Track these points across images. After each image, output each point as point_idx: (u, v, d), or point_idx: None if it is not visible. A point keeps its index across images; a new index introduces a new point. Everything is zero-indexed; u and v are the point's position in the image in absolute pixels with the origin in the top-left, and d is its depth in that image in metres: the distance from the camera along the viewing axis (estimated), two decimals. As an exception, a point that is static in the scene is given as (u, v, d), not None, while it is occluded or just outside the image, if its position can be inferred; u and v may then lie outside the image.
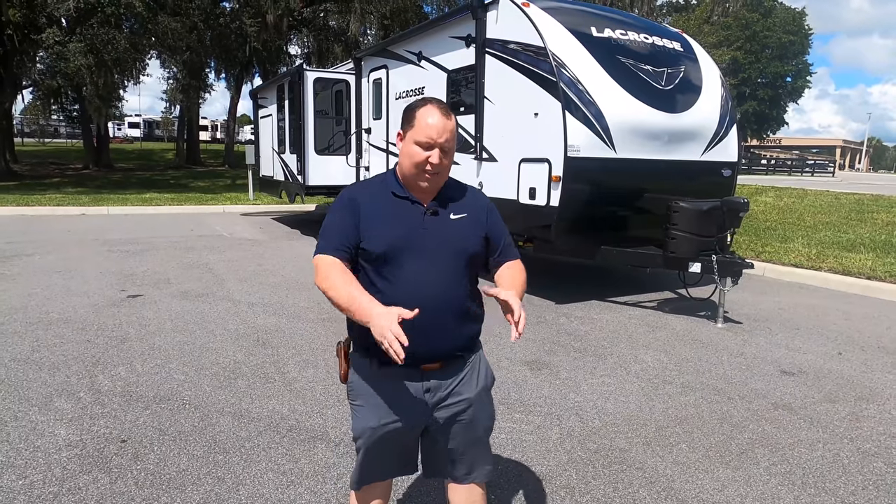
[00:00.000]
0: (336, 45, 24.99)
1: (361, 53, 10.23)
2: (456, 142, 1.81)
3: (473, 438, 1.92)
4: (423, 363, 1.78)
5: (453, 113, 1.82)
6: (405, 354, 1.52)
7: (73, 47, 15.84)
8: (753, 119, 50.96)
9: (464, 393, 1.86)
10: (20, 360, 4.25)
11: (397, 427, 1.82)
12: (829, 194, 16.23)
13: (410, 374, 1.79)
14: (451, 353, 1.83)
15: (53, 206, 13.75)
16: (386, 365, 1.72)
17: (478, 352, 1.96)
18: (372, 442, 1.84)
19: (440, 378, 1.82)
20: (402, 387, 1.80)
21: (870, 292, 6.99)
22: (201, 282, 6.87)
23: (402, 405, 1.81)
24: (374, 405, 1.82)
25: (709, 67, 7.02)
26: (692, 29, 27.38)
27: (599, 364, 4.46)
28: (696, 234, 5.62)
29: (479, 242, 1.84)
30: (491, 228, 1.88)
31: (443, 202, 1.82)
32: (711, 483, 2.86)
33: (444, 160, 1.74)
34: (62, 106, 33.26)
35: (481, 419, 1.92)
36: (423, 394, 1.81)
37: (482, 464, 1.97)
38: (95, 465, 2.89)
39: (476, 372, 1.92)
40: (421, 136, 1.71)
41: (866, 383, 4.21)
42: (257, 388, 3.85)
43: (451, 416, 1.85)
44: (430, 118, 1.71)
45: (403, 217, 1.77)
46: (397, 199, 1.79)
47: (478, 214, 1.86)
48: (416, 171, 1.75)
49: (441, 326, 1.76)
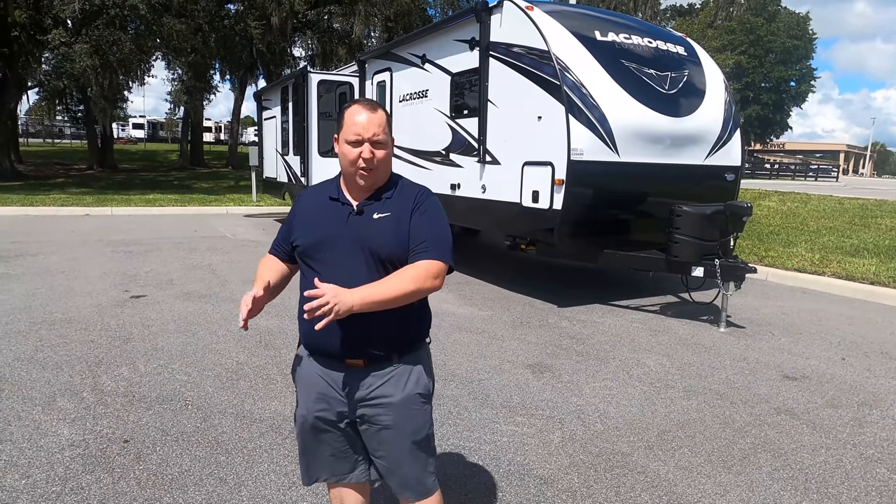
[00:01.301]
0: (340, 48, 25.06)
1: (365, 56, 10.25)
2: (389, 135, 1.81)
3: (400, 449, 1.85)
4: (346, 358, 1.81)
5: (457, 116, 1.84)
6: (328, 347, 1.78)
7: (78, 48, 15.91)
8: (757, 123, 50.91)
9: (387, 395, 1.82)
10: (24, 360, 4.26)
11: (322, 416, 1.86)
12: (832, 199, 16.20)
13: (334, 367, 1.84)
14: (369, 352, 1.81)
15: (57, 206, 13.80)
16: (314, 354, 1.87)
17: (411, 356, 1.88)
18: (303, 429, 1.91)
19: (361, 376, 1.82)
20: (326, 377, 1.85)
21: (873, 297, 6.97)
22: (204, 283, 6.88)
23: (325, 395, 1.86)
24: (305, 393, 1.90)
25: (712, 72, 7.02)
26: (696, 33, 27.38)
27: (602, 367, 4.46)
28: (699, 239, 5.62)
29: (399, 242, 1.77)
30: (413, 227, 1.79)
31: (374, 200, 1.82)
32: (714, 488, 2.86)
33: (375, 153, 1.75)
34: (67, 107, 33.42)
35: (408, 428, 1.84)
36: (342, 387, 1.84)
37: (413, 482, 1.88)
38: (98, 464, 2.90)
39: (405, 376, 1.85)
40: (350, 134, 1.75)
41: (869, 389, 4.20)
42: (260, 389, 3.85)
43: (373, 416, 1.84)
44: (356, 116, 1.75)
45: (329, 218, 1.82)
46: (330, 202, 1.85)
47: (402, 213, 1.80)
48: (352, 170, 1.78)
49: (360, 325, 1.72)
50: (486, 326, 5.45)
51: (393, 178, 1.87)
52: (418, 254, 1.76)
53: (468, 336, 5.10)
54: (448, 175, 7.47)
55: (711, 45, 27.77)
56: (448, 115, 7.44)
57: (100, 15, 15.99)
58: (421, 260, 1.75)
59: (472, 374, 4.20)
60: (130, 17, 16.53)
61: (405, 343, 1.86)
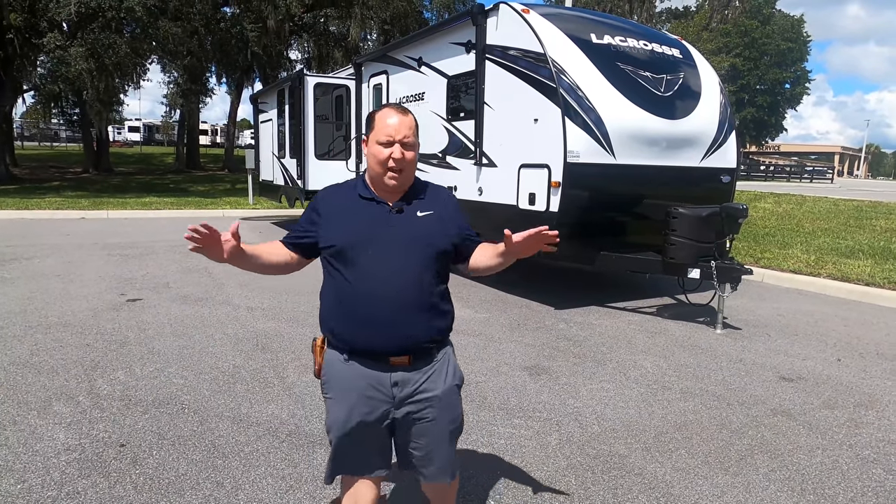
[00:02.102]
0: (336, 51, 25.09)
1: (362, 59, 10.27)
2: (417, 138, 1.89)
3: (440, 438, 1.93)
4: (391, 356, 1.84)
5: (454, 118, 1.91)
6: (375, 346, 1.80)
7: (74, 51, 15.89)
8: (752, 125, 51.12)
9: (431, 389, 1.89)
10: (19, 364, 4.24)
11: (366, 419, 1.86)
12: (827, 201, 16.27)
13: (379, 367, 1.85)
14: (418, 347, 1.86)
15: (53, 209, 13.75)
16: (355, 356, 1.85)
17: (446, 348, 1.98)
18: (342, 434, 1.88)
19: (408, 372, 1.87)
20: (371, 379, 1.85)
21: (868, 299, 7.00)
22: (201, 286, 6.87)
23: (370, 397, 1.85)
24: (344, 397, 1.87)
25: (708, 74, 7.05)
26: (691, 36, 27.49)
27: (599, 370, 4.47)
28: (696, 240, 5.64)
29: (447, 238, 1.90)
30: (459, 222, 1.96)
31: (408, 201, 1.90)
32: (710, 489, 2.86)
33: (405, 154, 1.83)
34: (62, 110, 33.33)
35: (448, 418, 1.94)
36: (390, 387, 1.86)
37: (442, 463, 1.97)
38: (94, 469, 2.88)
39: (444, 369, 1.94)
40: (381, 135, 1.82)
41: (865, 389, 4.21)
42: (256, 393, 3.84)
43: (418, 412, 1.89)
44: (388, 119, 1.83)
45: (366, 215, 1.86)
46: (362, 200, 1.89)
47: (442, 210, 1.93)
48: (381, 170, 1.84)
49: (409, 320, 1.82)
50: (483, 329, 5.45)
51: (417, 180, 1.96)
52: (473, 241, 1.97)
53: (465, 339, 5.10)
54: (445, 177, 7.48)
55: (707, 47, 27.90)
56: (445, 118, 7.45)
57: (95, 18, 15.98)
58: (478, 244, 1.97)
59: (469, 377, 4.20)
60: (126, 20, 16.52)
61: (443, 336, 1.94)
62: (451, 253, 1.92)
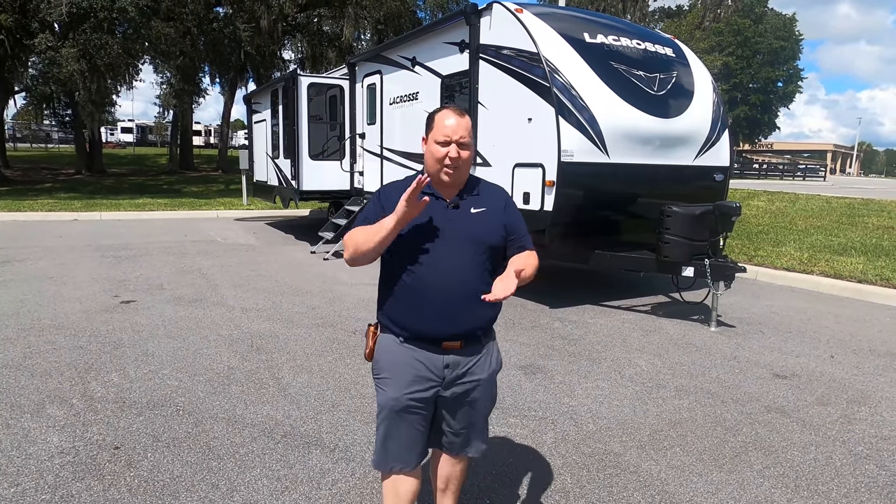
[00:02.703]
0: (330, 51, 25.01)
1: (355, 59, 10.25)
2: (473, 138, 2.01)
3: (475, 417, 2.11)
4: (444, 341, 1.98)
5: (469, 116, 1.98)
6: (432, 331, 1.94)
7: (65, 52, 15.78)
8: (745, 124, 51.33)
9: (477, 373, 2.05)
10: (12, 367, 4.22)
11: (418, 397, 1.99)
12: (820, 198, 16.36)
13: (433, 350, 2.00)
14: (471, 334, 2.02)
15: (46, 211, 13.67)
16: (412, 340, 1.99)
17: (492, 336, 2.14)
18: (394, 412, 2.00)
19: (459, 356, 2.02)
20: (425, 360, 1.99)
21: (861, 296, 7.05)
22: (195, 287, 6.85)
23: (424, 377, 1.99)
24: (398, 376, 2.00)
25: (700, 73, 7.08)
26: (684, 35, 27.57)
27: (594, 368, 4.48)
28: (689, 239, 5.66)
29: (499, 234, 2.02)
30: (509, 220, 2.06)
31: (465, 197, 2.03)
32: (705, 486, 2.87)
33: (461, 153, 1.95)
34: (54, 111, 33.11)
35: (486, 399, 2.11)
36: (442, 369, 2.00)
37: (478, 440, 2.17)
38: (88, 472, 2.87)
39: (490, 356, 2.10)
40: (439, 135, 1.95)
41: (858, 386, 4.24)
42: (251, 394, 3.83)
43: (462, 394, 2.04)
44: (446, 120, 1.96)
45: (427, 210, 1.93)
46: (422, 195, 1.96)
47: (497, 208, 2.05)
48: (438, 167, 1.97)
49: (462, 308, 1.96)
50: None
51: (472, 178, 2.09)
52: (520, 244, 2.06)
53: (460, 338, 5.10)
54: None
55: (699, 46, 27.98)
56: (439, 118, 7.44)
57: (87, 18, 15.87)
58: (525, 249, 2.06)
59: (464, 376, 4.20)
60: (118, 21, 16.42)
61: (491, 325, 2.11)
62: (502, 248, 2.04)
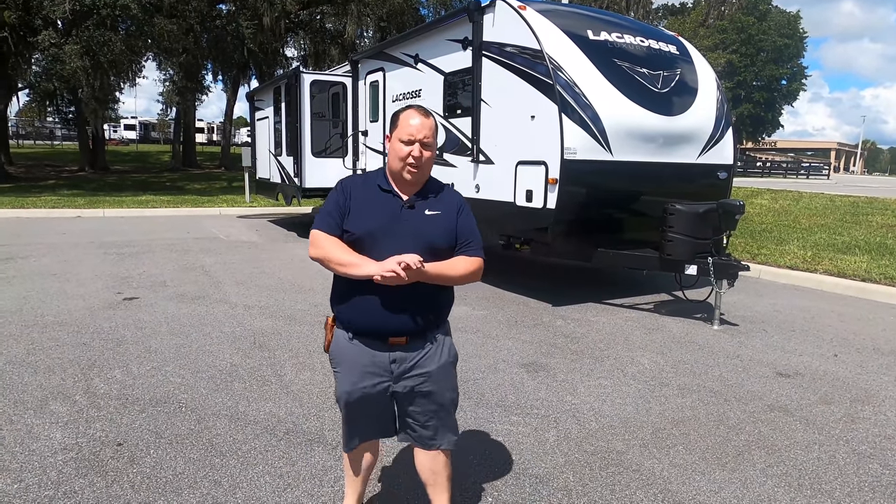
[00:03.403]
0: (333, 48, 24.96)
1: (358, 56, 10.24)
2: (436, 139, 2.08)
3: (436, 408, 2.16)
4: (390, 337, 2.06)
5: (451, 116, 1.99)
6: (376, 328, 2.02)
7: (68, 49, 15.79)
8: (749, 122, 51.17)
9: (426, 366, 2.11)
10: (15, 363, 4.23)
11: (368, 391, 2.10)
12: (824, 197, 16.30)
13: (379, 346, 2.08)
14: (416, 331, 2.07)
15: (49, 208, 13.71)
16: (359, 336, 2.08)
17: (442, 331, 2.18)
18: (349, 402, 2.14)
19: (405, 351, 2.09)
20: (371, 356, 2.08)
21: (865, 294, 7.02)
22: (197, 284, 6.85)
23: (371, 372, 2.09)
24: (349, 371, 2.11)
25: (704, 70, 7.05)
26: (688, 32, 27.48)
27: (596, 366, 4.47)
28: (693, 237, 5.64)
29: (447, 238, 2.07)
30: (460, 226, 2.10)
31: (421, 198, 2.09)
32: (708, 485, 2.87)
33: (424, 153, 2.02)
34: (58, 108, 33.14)
35: (443, 391, 2.16)
36: (388, 363, 2.09)
37: (446, 432, 2.21)
38: (91, 468, 2.88)
39: (439, 349, 2.15)
40: (403, 134, 2.00)
41: (861, 385, 4.22)
42: (254, 391, 3.84)
43: (414, 386, 2.11)
44: (411, 119, 2.02)
45: (383, 207, 2.04)
46: (382, 192, 2.08)
47: (450, 212, 2.10)
48: (401, 165, 2.02)
49: (407, 306, 2.02)
50: (480, 326, 5.45)
51: (433, 180, 2.15)
52: (466, 249, 2.09)
53: (463, 336, 5.10)
54: (442, 175, 7.46)
55: (703, 43, 27.90)
56: (441, 115, 7.44)
57: (90, 15, 15.88)
58: (469, 254, 2.08)
59: (467, 374, 4.20)
60: (121, 18, 16.42)
61: (440, 321, 2.16)
62: (449, 252, 2.07)
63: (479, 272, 2.12)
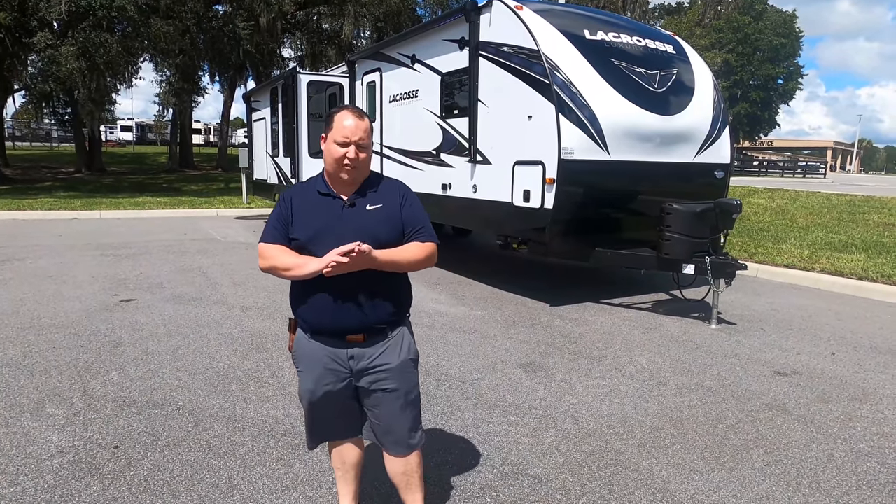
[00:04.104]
0: (329, 48, 24.95)
1: (355, 56, 10.22)
2: (371, 140, 2.08)
3: (399, 407, 2.15)
4: (346, 334, 2.07)
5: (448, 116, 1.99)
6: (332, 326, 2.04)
7: (64, 51, 15.74)
8: (745, 121, 51.29)
9: (386, 363, 2.11)
10: (11, 366, 4.21)
11: (329, 388, 2.12)
12: (820, 195, 16.34)
13: (336, 343, 2.09)
14: (371, 327, 2.08)
15: (45, 210, 13.66)
16: (316, 335, 2.09)
17: (401, 328, 2.18)
18: (312, 401, 2.15)
19: (362, 347, 2.09)
20: (331, 354, 2.09)
21: (862, 293, 7.03)
22: (195, 286, 6.84)
23: (330, 369, 2.10)
24: (310, 369, 2.13)
25: (701, 70, 7.06)
26: (684, 32, 27.52)
27: (594, 366, 4.47)
28: (690, 236, 5.64)
29: (393, 230, 2.06)
30: (405, 216, 2.10)
31: (361, 195, 2.09)
32: (706, 484, 2.87)
33: (359, 154, 2.02)
34: (54, 109, 33.06)
35: (404, 389, 2.14)
36: (347, 360, 2.10)
37: (401, 434, 2.18)
38: (88, 471, 2.87)
39: (398, 346, 2.15)
40: (338, 136, 2.01)
41: (859, 383, 4.23)
42: (252, 393, 3.83)
43: (374, 383, 2.11)
44: (345, 121, 2.01)
45: (324, 210, 2.06)
46: (320, 196, 2.10)
47: (393, 203, 2.10)
48: (337, 166, 2.04)
49: (360, 304, 2.04)
50: (478, 326, 5.45)
51: (371, 175, 2.14)
52: (416, 236, 2.08)
53: (461, 336, 5.10)
54: (439, 175, 7.46)
55: (700, 43, 27.93)
56: (438, 115, 7.44)
57: (86, 17, 15.84)
58: (421, 241, 2.07)
59: (465, 375, 4.20)
60: (118, 19, 16.38)
61: (397, 317, 2.14)
62: (398, 242, 2.06)
63: (433, 257, 2.10)
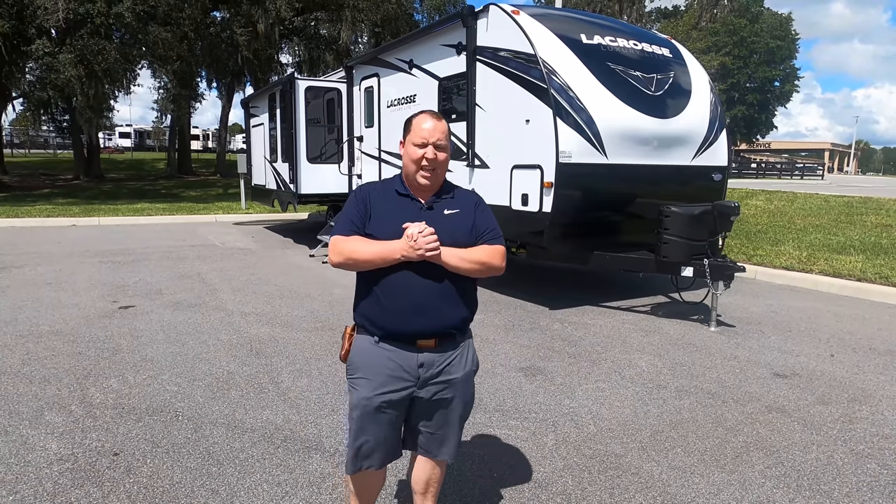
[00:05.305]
0: (327, 54, 25.03)
1: (353, 62, 10.25)
2: (449, 142, 2.10)
3: (451, 418, 2.13)
4: (418, 339, 2.03)
5: (447, 120, 2.07)
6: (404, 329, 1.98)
7: (62, 58, 15.76)
8: (743, 123, 51.39)
9: (453, 372, 2.08)
10: (10, 374, 4.20)
11: (390, 397, 2.02)
12: (818, 197, 16.37)
13: (408, 349, 2.03)
14: (444, 332, 2.05)
15: (44, 217, 13.66)
16: (386, 339, 2.03)
17: (468, 337, 2.18)
18: (365, 412, 2.03)
19: (433, 354, 2.05)
20: (399, 359, 2.03)
21: (860, 294, 7.04)
22: (194, 292, 6.83)
23: (395, 377, 2.03)
24: (373, 376, 2.03)
25: (697, 73, 7.08)
26: (681, 35, 27.63)
27: (594, 369, 4.47)
28: (688, 239, 5.65)
29: (469, 233, 2.08)
30: (478, 221, 2.11)
31: (439, 200, 2.10)
32: (707, 487, 2.86)
33: (438, 155, 2.04)
34: (52, 117, 33.10)
35: (462, 401, 2.13)
36: (416, 368, 2.04)
37: (453, 443, 2.17)
38: (88, 479, 2.86)
39: (465, 355, 2.14)
40: (417, 138, 2.04)
41: (858, 385, 4.23)
42: (251, 399, 3.82)
43: (439, 392, 2.07)
44: (424, 123, 2.05)
45: (403, 211, 2.04)
46: (399, 197, 2.09)
47: (468, 209, 2.12)
48: (415, 168, 2.05)
49: (435, 307, 2.01)
50: (477, 330, 5.42)
51: (446, 183, 2.17)
52: (488, 240, 2.09)
53: (460, 340, 5.09)
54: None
55: (696, 46, 28.04)
56: (436, 120, 7.44)
57: (84, 24, 15.86)
58: (489, 243, 2.08)
59: (464, 379, 4.19)
60: (116, 26, 16.42)
61: (465, 325, 2.13)
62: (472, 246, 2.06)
63: (501, 259, 2.09)
